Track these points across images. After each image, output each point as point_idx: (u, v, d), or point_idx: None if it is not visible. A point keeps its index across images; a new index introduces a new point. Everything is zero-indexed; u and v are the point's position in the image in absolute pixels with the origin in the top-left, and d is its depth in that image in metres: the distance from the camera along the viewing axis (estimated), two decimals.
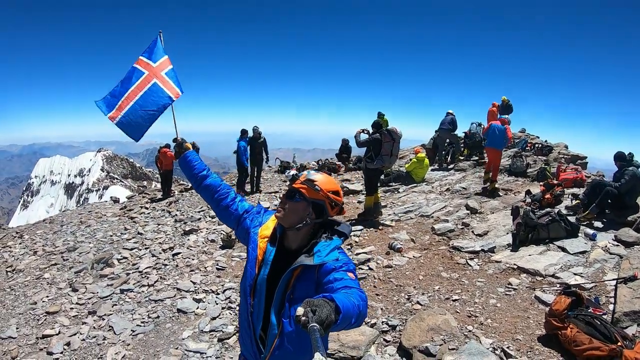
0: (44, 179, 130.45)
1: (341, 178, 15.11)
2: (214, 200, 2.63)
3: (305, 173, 2.29)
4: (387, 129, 8.81)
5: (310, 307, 1.51)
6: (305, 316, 1.48)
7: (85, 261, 9.18)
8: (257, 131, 13.97)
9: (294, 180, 2.26)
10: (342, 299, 1.67)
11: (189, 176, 2.76)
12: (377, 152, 8.80)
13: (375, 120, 9.12)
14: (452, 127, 14.06)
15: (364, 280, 6.47)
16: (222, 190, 2.63)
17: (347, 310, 1.63)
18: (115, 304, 6.92)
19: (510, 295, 5.40)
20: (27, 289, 8.07)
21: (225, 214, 2.59)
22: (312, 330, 1.43)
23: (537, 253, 6.36)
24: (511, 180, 10.91)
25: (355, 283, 2.02)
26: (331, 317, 1.52)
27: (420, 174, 12.58)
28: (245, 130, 14.02)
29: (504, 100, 15.74)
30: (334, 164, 17.49)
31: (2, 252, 11.06)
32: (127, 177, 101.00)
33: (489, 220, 8.16)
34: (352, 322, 1.73)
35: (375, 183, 9.33)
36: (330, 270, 2.08)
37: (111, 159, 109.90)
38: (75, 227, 12.92)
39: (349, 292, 1.88)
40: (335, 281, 2.02)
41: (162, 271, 8.11)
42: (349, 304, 1.68)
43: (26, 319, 6.74)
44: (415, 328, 4.64)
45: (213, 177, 2.71)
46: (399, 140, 8.82)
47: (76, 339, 5.84)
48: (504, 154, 13.46)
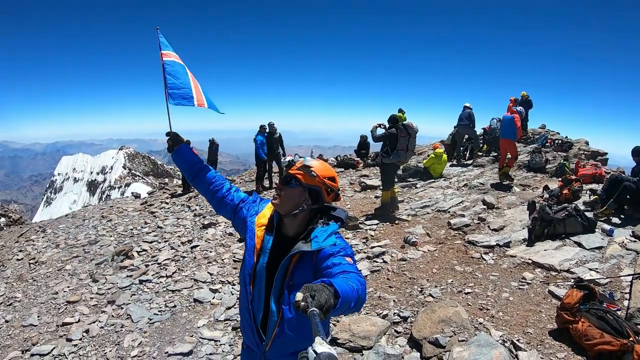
0: (67, 176, 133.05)
1: (359, 174, 15.11)
2: (210, 192, 2.64)
3: (302, 159, 2.29)
4: (402, 124, 8.80)
5: (309, 292, 1.52)
6: (305, 301, 1.48)
7: (106, 253, 9.42)
8: (273, 127, 14.13)
9: (290, 166, 2.27)
10: (340, 283, 1.68)
11: (184, 169, 2.76)
12: (393, 147, 8.79)
13: (392, 114, 9.10)
14: (470, 122, 13.92)
15: (378, 273, 6.50)
16: (217, 181, 2.64)
17: (345, 295, 1.64)
18: (134, 294, 7.10)
19: (523, 290, 5.36)
20: (49, 279, 8.32)
21: (221, 204, 2.60)
22: (312, 315, 1.44)
23: (552, 248, 6.28)
24: (529, 176, 10.77)
25: (354, 267, 2.02)
26: (330, 301, 1.52)
27: (438, 170, 12.51)
28: (263, 126, 14.18)
29: (523, 95, 15.53)
30: (352, 160, 17.52)
31: (26, 246, 11.39)
32: (148, 174, 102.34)
33: (506, 216, 8.08)
34: (351, 306, 1.74)
35: (391, 178, 9.33)
36: (328, 255, 2.09)
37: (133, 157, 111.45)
38: (97, 221, 13.22)
39: (348, 276, 1.89)
40: (333, 266, 2.02)
41: (180, 263, 8.27)
42: (347, 288, 1.69)
43: (47, 307, 6.97)
44: (426, 320, 4.65)
45: (207, 169, 2.71)
46: (414, 135, 8.80)
47: (95, 327, 6.02)
48: (523, 150, 13.30)
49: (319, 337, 1.36)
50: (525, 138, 15.67)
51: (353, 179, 14.30)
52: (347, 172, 16.42)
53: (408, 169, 13.24)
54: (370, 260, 7.00)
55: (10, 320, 6.71)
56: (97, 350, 5.42)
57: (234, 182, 17.31)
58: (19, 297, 7.60)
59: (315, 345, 1.33)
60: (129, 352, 5.25)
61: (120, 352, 5.28)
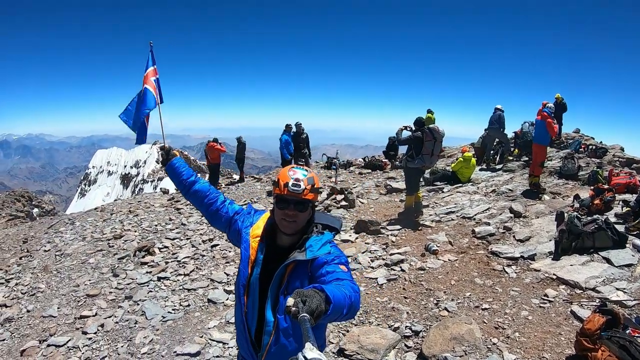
0: (101, 169, 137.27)
1: (386, 176, 14.94)
2: (204, 205, 2.64)
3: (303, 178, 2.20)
4: (429, 127, 8.58)
5: (301, 298, 1.52)
6: (296, 306, 1.49)
7: (129, 248, 9.60)
8: (300, 127, 14.16)
9: (301, 192, 2.17)
10: (332, 289, 1.68)
11: (177, 183, 2.77)
12: (418, 151, 8.60)
13: (418, 117, 8.90)
14: (500, 125, 13.52)
15: (394, 282, 6.35)
16: (211, 194, 2.65)
17: (337, 301, 1.64)
18: (151, 290, 7.19)
19: (544, 308, 5.06)
20: (72, 272, 8.52)
21: (216, 217, 2.61)
22: (303, 321, 1.44)
23: (579, 263, 5.93)
24: (560, 183, 10.31)
25: (347, 275, 2.04)
26: (321, 307, 1.54)
27: (466, 174, 12.19)
28: (289, 125, 14.23)
29: (557, 98, 14.97)
30: (380, 162, 17.35)
31: (54, 237, 11.73)
32: None
33: (533, 225, 7.75)
34: (343, 313, 1.74)
35: (415, 182, 9.14)
36: (322, 263, 2.11)
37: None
38: (124, 215, 13.50)
39: (341, 283, 1.92)
40: (327, 274, 2.04)
41: (199, 261, 8.33)
42: (339, 295, 1.69)
43: (68, 300, 7.14)
44: (438, 336, 4.48)
45: (201, 182, 2.72)
46: (440, 139, 8.57)
47: (110, 321, 6.13)
48: (555, 155, 12.79)
49: (309, 342, 1.35)
50: (558, 143, 15.12)
51: (379, 181, 14.12)
52: (374, 173, 16.26)
53: (435, 173, 12.97)
54: (388, 267, 6.85)
55: (31, 310, 6.93)
56: (109, 345, 5.50)
57: (261, 180, 17.39)
58: (42, 287, 7.82)
59: (305, 350, 1.32)
60: (139, 349, 5.31)
61: (131, 349, 5.34)
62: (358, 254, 7.50)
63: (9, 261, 10.22)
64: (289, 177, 2.19)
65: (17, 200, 25.73)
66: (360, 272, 6.80)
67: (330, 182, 14.51)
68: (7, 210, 22.26)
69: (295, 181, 2.17)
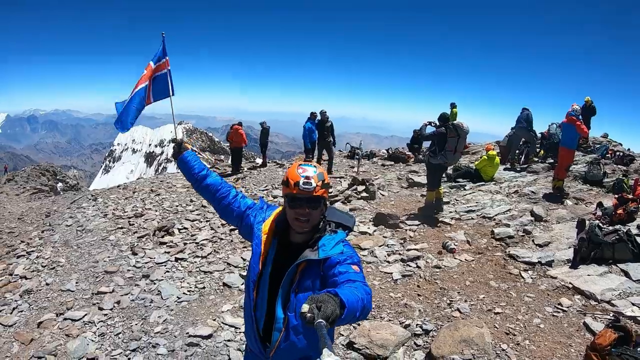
0: (126, 146, 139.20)
1: (409, 169, 14.82)
2: (216, 200, 2.61)
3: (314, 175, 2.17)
4: (452, 123, 8.48)
5: (315, 304, 1.53)
6: (311, 312, 1.49)
7: (149, 228, 9.75)
8: (324, 115, 14.06)
9: (313, 189, 2.15)
10: (346, 293, 1.69)
11: (188, 177, 2.75)
12: (441, 147, 8.52)
13: (442, 113, 8.80)
14: (528, 125, 13.27)
15: (409, 278, 6.33)
16: (222, 189, 2.62)
17: (351, 305, 1.65)
18: (168, 270, 7.31)
19: (557, 317, 4.98)
20: (92, 248, 8.71)
21: (227, 211, 2.58)
22: (319, 327, 1.45)
23: (596, 274, 5.79)
24: (584, 189, 10.07)
25: (360, 276, 2.03)
26: (336, 312, 1.54)
27: (489, 173, 12.01)
28: (314, 113, 14.14)
29: (587, 101, 14.61)
30: (403, 154, 17.22)
31: (77, 212, 11.99)
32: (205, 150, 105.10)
33: (553, 230, 7.61)
34: (356, 316, 1.75)
35: (437, 178, 9.07)
36: (335, 263, 2.10)
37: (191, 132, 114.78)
38: (146, 194, 13.71)
39: (353, 285, 1.91)
40: (339, 274, 2.04)
41: (217, 245, 8.42)
42: (353, 298, 1.70)
43: (86, 275, 7.32)
44: (448, 337, 4.47)
45: (213, 176, 2.70)
46: (464, 136, 8.47)
47: (126, 299, 6.28)
48: (581, 160, 12.50)
49: (327, 348, 1.37)
50: (585, 147, 14.79)
51: (402, 173, 14.01)
52: (396, 165, 16.15)
53: (459, 169, 12.82)
54: (404, 263, 6.83)
55: (50, 283, 7.11)
56: (124, 322, 5.63)
57: (283, 166, 17.44)
58: (62, 262, 8.02)
59: (323, 357, 1.34)
60: (153, 328, 5.41)
61: (145, 327, 5.46)
62: (375, 247, 7.49)
63: (30, 234, 10.50)
64: (299, 176, 2.16)
65: (42, 174, 26.28)
66: (375, 266, 6.80)
67: (352, 172, 14.49)
68: (32, 183, 22.77)
69: (306, 179, 2.14)
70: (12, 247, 9.55)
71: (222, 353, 4.83)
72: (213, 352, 4.86)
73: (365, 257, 7.11)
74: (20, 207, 15.36)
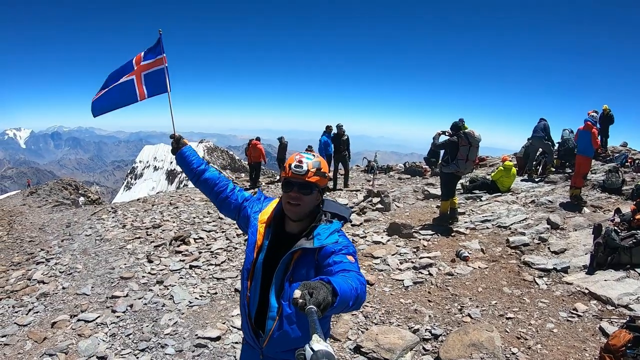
0: (148, 164, 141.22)
1: (425, 182, 14.74)
2: (214, 193, 2.66)
3: (308, 161, 2.19)
4: (464, 132, 8.44)
5: (307, 290, 1.52)
6: (303, 298, 1.48)
7: (165, 238, 9.87)
8: (341, 129, 14.11)
9: (305, 173, 2.17)
10: (339, 281, 1.67)
11: (187, 171, 2.80)
12: (454, 156, 8.48)
13: (454, 122, 8.77)
14: (545, 134, 13.08)
15: (420, 285, 6.27)
16: (220, 182, 2.67)
17: (344, 293, 1.63)
18: (182, 277, 7.39)
19: (571, 322, 4.86)
20: (109, 256, 8.87)
21: (225, 204, 2.62)
22: (310, 313, 1.44)
23: (614, 279, 5.65)
24: (603, 197, 9.85)
25: (354, 266, 2.02)
26: (328, 299, 1.53)
27: (506, 184, 11.85)
28: (330, 127, 14.21)
29: (605, 109, 14.33)
30: (420, 168, 17.15)
31: (96, 223, 12.24)
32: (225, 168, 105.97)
33: (570, 238, 7.46)
34: (349, 305, 1.73)
35: (450, 188, 9.00)
36: (330, 253, 2.08)
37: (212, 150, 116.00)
38: (165, 207, 13.95)
39: (348, 274, 1.88)
40: (334, 264, 2.02)
41: (231, 253, 8.48)
42: (346, 287, 1.68)
43: (102, 280, 7.44)
44: (457, 341, 4.40)
45: (211, 170, 2.75)
46: (476, 144, 8.40)
47: (139, 302, 6.36)
48: (600, 168, 12.25)
49: (317, 334, 1.36)
50: (604, 156, 14.50)
51: (418, 186, 13.96)
52: (413, 179, 16.09)
53: (475, 181, 12.69)
54: (416, 270, 6.77)
55: (67, 287, 7.27)
56: (135, 324, 5.69)
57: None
58: (79, 268, 8.18)
59: (312, 342, 1.33)
60: (163, 330, 5.47)
61: (156, 329, 5.51)
62: (388, 255, 7.44)
63: (50, 242, 10.76)
64: (294, 159, 2.19)
65: (65, 188, 26.84)
66: (387, 273, 6.75)
67: (368, 186, 14.47)
68: (54, 196, 23.28)
69: (299, 162, 2.16)
70: (31, 254, 9.80)
71: (229, 355, 4.83)
72: (220, 353, 4.87)
73: (377, 265, 7.09)
74: (41, 218, 15.77)
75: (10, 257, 10.00)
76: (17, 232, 13.26)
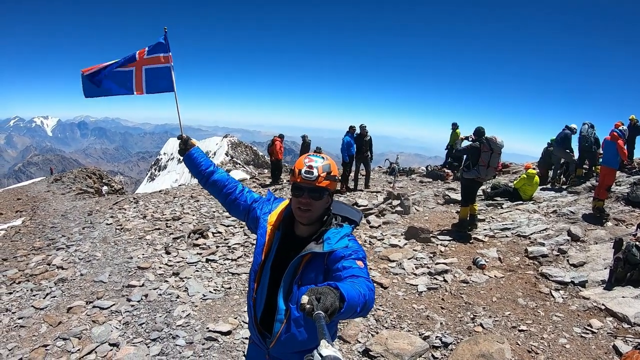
0: (172, 156, 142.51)
1: (447, 186, 14.59)
2: (222, 195, 2.65)
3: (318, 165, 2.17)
4: (486, 138, 8.31)
5: (315, 295, 1.53)
6: (310, 304, 1.50)
7: (184, 230, 10.00)
8: (364, 129, 14.03)
9: (315, 179, 2.15)
10: (347, 287, 1.67)
11: (195, 173, 2.78)
12: (475, 162, 8.36)
13: (477, 127, 8.65)
14: (563, 145, 12.75)
15: (434, 291, 6.22)
16: (229, 184, 2.65)
17: (352, 299, 1.64)
18: (198, 270, 7.49)
19: (585, 339, 4.75)
20: (128, 245, 9.04)
21: (234, 206, 2.61)
22: (317, 318, 1.45)
23: (632, 296, 5.48)
24: (626, 210, 9.58)
25: (364, 272, 2.00)
26: (335, 304, 1.54)
27: (528, 192, 11.64)
28: (353, 127, 14.14)
29: (632, 119, 13.87)
30: (442, 172, 16.97)
31: (117, 213, 12.49)
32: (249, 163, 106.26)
33: (590, 251, 7.29)
34: (357, 311, 1.72)
35: (471, 194, 8.88)
36: (340, 258, 2.08)
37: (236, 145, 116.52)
38: (185, 200, 14.14)
39: (356, 280, 1.89)
40: (343, 269, 2.01)
41: (248, 249, 8.54)
42: (354, 293, 1.68)
43: (119, 269, 7.60)
44: (466, 351, 4.35)
45: (219, 172, 2.73)
46: (498, 150, 8.26)
47: (154, 293, 6.49)
48: (625, 181, 11.91)
49: (325, 339, 1.37)
50: (630, 167, 14.07)
51: (439, 190, 13.80)
52: (434, 183, 15.93)
53: (497, 187, 12.48)
54: (431, 276, 6.72)
55: (84, 274, 7.45)
56: (149, 314, 5.82)
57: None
58: (98, 256, 8.36)
59: (320, 348, 1.35)
60: (175, 321, 5.57)
61: (168, 320, 5.62)
62: (404, 259, 7.39)
63: (72, 230, 11.02)
64: (304, 164, 2.17)
65: (89, 176, 27.28)
66: (402, 277, 6.72)
67: (389, 188, 14.40)
68: (78, 184, 23.70)
69: (309, 168, 2.14)
70: (52, 240, 10.04)
71: (239, 349, 4.89)
72: (230, 347, 4.93)
73: (392, 268, 7.05)
74: (64, 205, 16.13)
75: (32, 241, 10.28)
76: (40, 217, 13.66)
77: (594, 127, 12.32)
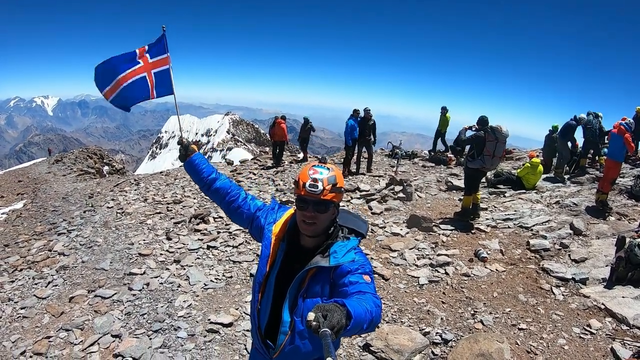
0: (173, 134, 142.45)
1: (449, 172, 14.52)
2: (225, 203, 2.59)
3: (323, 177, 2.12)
4: (491, 127, 8.21)
5: (322, 312, 1.53)
6: (317, 321, 1.49)
7: (185, 214, 10.00)
8: (368, 113, 13.96)
9: (320, 192, 2.10)
10: (354, 304, 1.67)
11: (197, 180, 2.69)
12: (479, 151, 8.29)
13: (481, 116, 8.55)
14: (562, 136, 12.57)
15: (435, 284, 6.23)
16: (232, 192, 2.59)
17: (358, 316, 1.64)
18: (199, 257, 7.51)
19: (584, 340, 4.76)
20: (129, 230, 9.05)
21: (237, 214, 2.56)
22: (324, 335, 1.45)
23: (632, 296, 5.46)
24: (629, 205, 9.52)
25: (371, 287, 2.00)
26: (342, 322, 1.53)
27: (531, 181, 11.59)
28: (357, 110, 14.05)
29: (638, 111, 13.72)
30: (445, 156, 16.87)
31: (118, 195, 12.50)
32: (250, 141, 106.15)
33: (592, 246, 7.28)
34: (363, 328, 1.72)
35: (474, 183, 8.84)
36: (346, 272, 2.06)
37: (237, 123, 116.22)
38: (187, 182, 14.11)
39: (363, 297, 1.88)
40: (350, 284, 2.00)
41: (249, 236, 8.50)
42: (360, 310, 1.68)
43: (121, 256, 7.62)
44: (466, 349, 4.37)
45: (222, 179, 2.65)
46: (503, 140, 8.16)
47: (155, 282, 6.52)
48: (628, 172, 11.82)
49: (331, 357, 1.37)
50: (634, 159, 13.93)
51: (441, 176, 13.72)
52: (437, 167, 15.85)
53: (500, 175, 12.40)
54: (432, 268, 6.73)
55: (86, 261, 7.49)
56: (150, 304, 5.85)
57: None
58: (99, 242, 8.38)
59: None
60: (177, 311, 5.60)
61: (170, 310, 5.65)
62: (405, 249, 7.39)
63: (73, 213, 11.04)
64: (308, 177, 2.12)
65: (90, 157, 27.21)
66: (403, 269, 6.73)
67: (391, 172, 14.35)
68: (79, 165, 23.66)
69: (313, 181, 2.09)
70: (54, 224, 10.07)
71: (240, 342, 4.93)
72: (231, 340, 4.97)
73: (394, 259, 7.06)
74: (66, 187, 16.12)
75: (33, 226, 10.32)
76: (41, 200, 13.69)
77: (598, 117, 12.18)
